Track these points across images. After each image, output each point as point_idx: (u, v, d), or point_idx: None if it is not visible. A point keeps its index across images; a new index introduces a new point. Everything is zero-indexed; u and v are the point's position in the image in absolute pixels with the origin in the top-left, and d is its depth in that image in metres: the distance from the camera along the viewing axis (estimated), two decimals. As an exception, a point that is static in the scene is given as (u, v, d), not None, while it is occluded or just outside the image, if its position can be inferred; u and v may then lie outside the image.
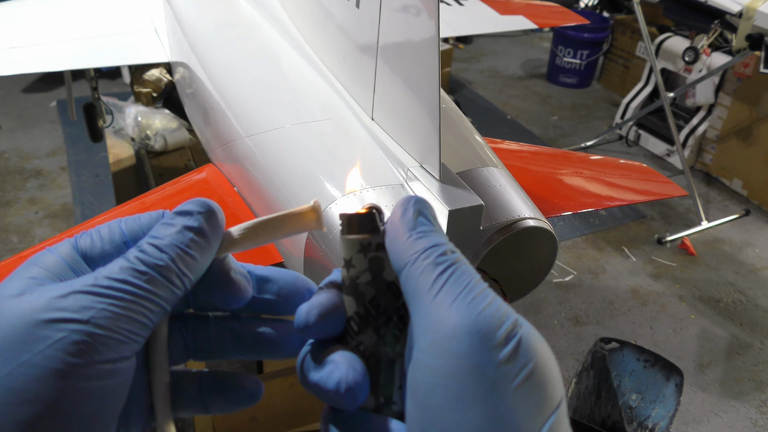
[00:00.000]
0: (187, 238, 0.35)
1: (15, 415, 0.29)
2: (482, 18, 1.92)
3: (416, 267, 0.33)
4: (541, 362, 0.31)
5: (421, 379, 0.31)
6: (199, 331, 0.39)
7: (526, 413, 0.30)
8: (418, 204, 0.36)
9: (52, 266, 0.34)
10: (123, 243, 0.36)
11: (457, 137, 0.89)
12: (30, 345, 0.30)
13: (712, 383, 2.36)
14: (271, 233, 0.39)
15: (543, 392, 0.31)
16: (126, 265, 0.33)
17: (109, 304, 0.32)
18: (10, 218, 3.07)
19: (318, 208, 0.39)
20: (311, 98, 0.96)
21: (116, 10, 1.64)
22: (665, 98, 3.33)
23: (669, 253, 3.08)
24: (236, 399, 0.39)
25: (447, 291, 0.32)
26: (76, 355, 0.30)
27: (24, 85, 4.31)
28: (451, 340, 0.31)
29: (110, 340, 0.31)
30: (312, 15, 1.10)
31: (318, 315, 0.36)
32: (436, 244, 0.34)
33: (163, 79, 2.03)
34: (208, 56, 1.21)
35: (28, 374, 0.29)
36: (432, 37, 0.68)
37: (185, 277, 0.35)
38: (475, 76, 5.06)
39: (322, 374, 0.34)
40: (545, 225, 0.76)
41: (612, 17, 4.74)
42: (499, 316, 0.31)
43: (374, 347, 0.36)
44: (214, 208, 0.36)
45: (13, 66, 1.42)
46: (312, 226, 0.39)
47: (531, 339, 0.31)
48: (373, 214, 0.37)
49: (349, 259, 0.37)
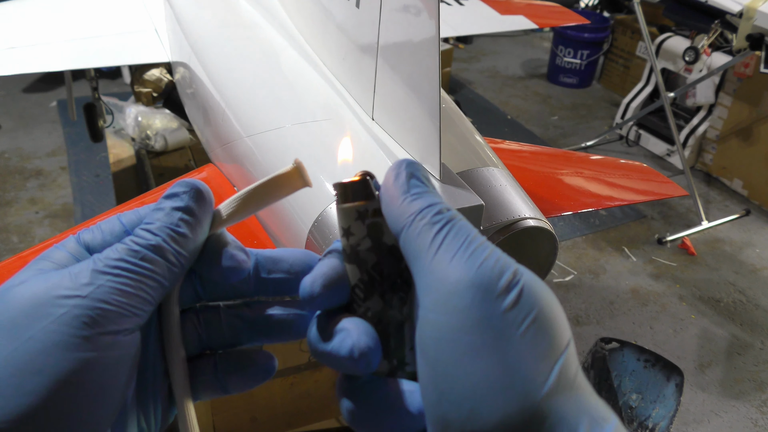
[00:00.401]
0: (176, 218, 0.36)
1: (24, 386, 0.31)
2: (482, 18, 1.92)
3: (413, 228, 0.34)
4: (545, 307, 0.32)
5: (428, 336, 0.32)
6: (211, 321, 0.40)
7: (535, 358, 0.30)
8: (410, 166, 0.36)
9: (58, 259, 0.36)
10: (123, 233, 0.37)
11: (458, 137, 0.89)
12: (34, 322, 0.31)
13: (713, 383, 2.36)
14: (259, 201, 0.40)
15: (550, 336, 0.31)
16: (122, 247, 0.35)
17: (107, 281, 0.33)
18: (11, 218, 3.07)
19: (300, 165, 0.39)
20: (311, 98, 0.96)
21: (116, 9, 1.64)
22: (665, 98, 3.33)
23: (669, 253, 3.08)
24: (252, 375, 0.40)
25: (446, 248, 0.33)
26: (77, 328, 0.32)
27: (24, 85, 4.31)
28: (454, 295, 0.31)
29: (110, 313, 0.33)
30: (312, 15, 1.10)
31: (322, 285, 0.36)
32: (431, 203, 0.35)
33: (163, 79, 2.03)
34: (208, 56, 1.21)
35: (34, 348, 0.31)
36: (432, 37, 0.68)
37: (180, 255, 0.36)
38: (476, 76, 5.06)
39: (334, 343, 0.35)
40: (545, 225, 0.76)
41: (612, 17, 4.74)
42: (499, 266, 0.32)
43: (382, 312, 0.37)
44: (199, 186, 0.38)
45: (14, 66, 1.42)
46: (299, 186, 0.40)
47: (533, 286, 0.32)
48: (367, 181, 0.37)
49: (347, 228, 0.37)
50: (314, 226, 0.75)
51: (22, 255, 0.97)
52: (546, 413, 0.30)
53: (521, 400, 0.30)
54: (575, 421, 0.30)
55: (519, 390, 0.30)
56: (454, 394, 0.31)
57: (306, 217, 0.77)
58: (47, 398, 0.31)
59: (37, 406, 0.31)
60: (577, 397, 0.31)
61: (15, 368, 0.31)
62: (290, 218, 0.80)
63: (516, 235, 0.75)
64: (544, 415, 0.30)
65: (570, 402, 0.30)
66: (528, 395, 0.30)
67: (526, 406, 0.30)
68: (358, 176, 0.37)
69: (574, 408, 0.30)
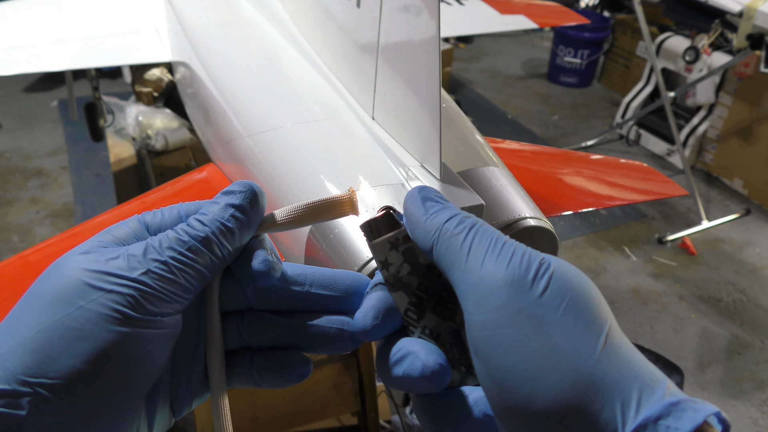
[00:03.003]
0: (228, 214, 0.39)
1: (70, 348, 0.34)
2: (483, 17, 1.92)
3: (442, 243, 0.37)
4: (578, 287, 0.34)
5: (477, 336, 0.35)
6: (253, 323, 0.42)
7: (578, 334, 0.33)
8: (423, 191, 0.40)
9: (120, 234, 0.39)
10: (180, 219, 0.40)
11: (458, 137, 0.89)
12: (87, 293, 0.35)
13: (713, 382, 2.36)
14: (309, 218, 0.42)
15: (589, 312, 0.33)
16: (173, 235, 0.38)
17: (155, 267, 0.36)
18: (12, 217, 3.07)
19: (354, 195, 0.41)
20: (312, 98, 0.96)
21: (117, 9, 1.64)
22: (666, 98, 3.33)
23: (669, 252, 3.08)
24: (285, 376, 0.42)
25: (474, 253, 0.36)
26: (122, 305, 0.35)
27: (25, 85, 4.31)
28: (492, 295, 0.34)
29: (153, 297, 0.36)
30: (313, 15, 1.10)
31: (374, 317, 0.39)
32: (450, 216, 0.38)
33: (164, 79, 2.03)
34: (208, 56, 1.21)
35: (83, 316, 0.34)
36: (433, 36, 0.68)
37: (225, 249, 0.39)
38: (476, 75, 5.06)
39: (405, 367, 0.37)
40: (546, 224, 0.77)
41: (613, 17, 4.74)
42: (526, 260, 0.35)
43: (438, 326, 0.39)
44: (256, 189, 0.40)
45: (15, 66, 1.42)
46: (347, 213, 0.42)
47: (563, 270, 0.35)
48: (390, 213, 0.40)
49: (384, 260, 0.40)
50: (314, 226, 0.75)
51: (23, 254, 0.97)
52: (599, 383, 0.31)
53: (572, 374, 0.32)
54: (628, 386, 0.31)
55: (568, 365, 0.32)
56: (510, 382, 0.33)
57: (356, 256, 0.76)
58: (90, 362, 0.34)
59: (80, 368, 0.34)
60: (627, 363, 0.32)
61: (65, 331, 0.34)
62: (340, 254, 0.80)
63: (516, 234, 0.75)
64: (597, 384, 0.31)
65: (620, 370, 0.32)
66: (578, 369, 0.32)
67: (578, 379, 0.31)
68: (380, 212, 0.40)
69: (625, 375, 0.32)
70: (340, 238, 0.70)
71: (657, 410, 0.30)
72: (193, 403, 0.41)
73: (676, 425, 0.30)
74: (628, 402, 0.31)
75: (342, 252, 0.69)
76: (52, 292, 0.35)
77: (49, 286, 0.35)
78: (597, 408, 0.31)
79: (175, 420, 0.41)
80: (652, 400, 0.31)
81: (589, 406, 0.31)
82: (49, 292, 0.35)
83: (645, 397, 0.31)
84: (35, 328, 0.34)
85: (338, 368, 1.71)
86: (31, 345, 0.33)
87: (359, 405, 1.75)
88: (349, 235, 0.70)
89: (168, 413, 0.40)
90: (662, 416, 0.30)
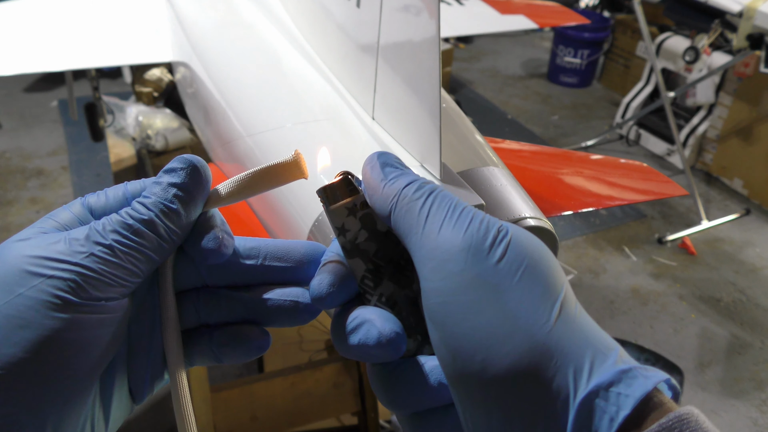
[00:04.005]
0: (170, 194, 0.38)
1: (11, 338, 0.33)
2: (483, 18, 1.92)
3: (399, 208, 0.36)
4: (535, 254, 0.34)
5: (433, 302, 0.34)
6: (209, 300, 0.41)
7: (533, 301, 0.32)
8: (382, 156, 0.39)
9: (62, 220, 0.38)
10: (126, 201, 0.39)
11: (458, 137, 0.89)
12: (27, 279, 0.34)
13: (713, 382, 2.36)
14: (257, 186, 0.40)
15: (544, 279, 0.33)
16: (117, 218, 0.37)
17: (98, 251, 0.35)
18: (12, 218, 3.07)
19: (300, 156, 0.40)
20: (312, 98, 0.96)
21: (117, 9, 1.65)
22: (666, 98, 3.33)
23: (669, 252, 3.08)
24: (245, 351, 0.41)
25: (432, 220, 0.35)
26: (64, 291, 0.34)
27: (25, 85, 4.31)
28: (448, 261, 0.34)
29: (97, 282, 0.35)
30: (313, 15, 1.10)
31: (330, 284, 0.38)
32: (408, 182, 0.37)
33: (164, 79, 2.03)
34: (209, 56, 1.21)
35: (23, 304, 0.33)
36: (433, 36, 0.69)
37: (171, 231, 0.38)
38: (476, 75, 5.06)
39: (360, 335, 0.37)
40: (546, 224, 0.77)
41: (612, 17, 4.74)
42: (484, 226, 0.34)
43: (394, 293, 0.38)
44: (196, 162, 0.39)
45: (14, 65, 1.43)
46: (296, 176, 0.41)
47: (520, 237, 0.34)
48: (348, 178, 0.39)
49: (341, 226, 0.39)
50: (314, 225, 0.75)
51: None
52: (552, 350, 0.31)
53: (527, 342, 0.31)
54: (581, 353, 0.31)
55: (523, 333, 0.32)
56: (465, 350, 0.32)
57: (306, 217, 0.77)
58: (32, 350, 0.33)
59: (23, 357, 0.33)
60: (581, 331, 0.32)
61: (4, 320, 0.33)
62: (291, 217, 0.81)
63: (516, 234, 0.75)
64: (551, 352, 0.31)
65: (573, 337, 0.32)
66: (533, 336, 0.32)
67: (533, 346, 0.31)
68: (338, 176, 0.39)
69: (578, 342, 0.32)
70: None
71: (608, 377, 0.31)
72: (154, 386, 0.40)
73: (626, 392, 0.30)
74: (580, 369, 0.31)
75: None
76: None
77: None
78: (550, 375, 0.31)
79: (136, 405, 0.41)
80: (604, 366, 0.31)
81: (542, 372, 0.31)
82: None
83: (597, 364, 0.31)
84: None
85: (338, 368, 1.71)
86: None
87: (359, 405, 1.76)
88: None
89: (126, 398, 0.40)
90: (613, 383, 0.30)
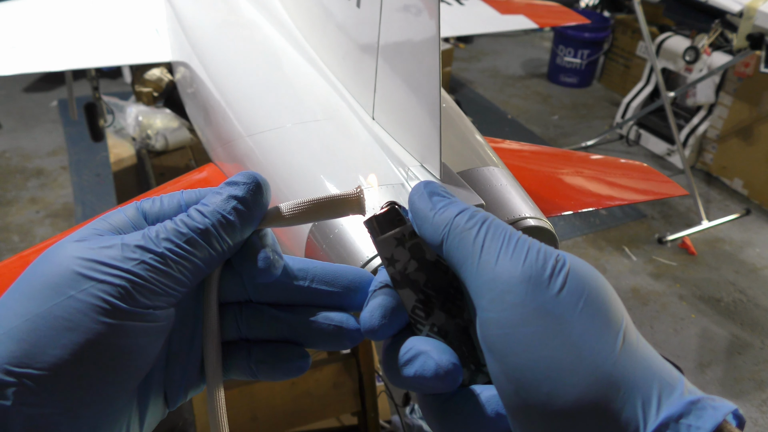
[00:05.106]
0: (230, 206, 0.37)
1: (58, 339, 0.33)
2: (483, 17, 1.92)
3: (452, 238, 0.36)
4: (594, 284, 0.34)
5: (492, 334, 0.34)
6: (252, 316, 0.41)
7: (597, 332, 0.32)
8: (429, 186, 0.39)
9: (116, 222, 0.38)
10: (180, 208, 0.39)
11: (458, 137, 0.89)
12: (77, 283, 0.34)
13: (713, 382, 2.36)
14: (313, 215, 0.40)
15: (606, 309, 0.33)
16: (171, 226, 0.36)
17: (149, 258, 0.35)
18: (12, 217, 3.07)
19: (362, 193, 0.40)
20: (312, 98, 0.96)
21: (117, 9, 1.64)
22: (666, 98, 3.33)
23: (669, 252, 3.08)
24: (283, 370, 0.41)
25: (488, 250, 0.35)
26: (113, 296, 0.34)
27: (25, 85, 4.31)
28: (509, 293, 0.33)
29: (145, 290, 0.35)
30: (313, 14, 1.10)
31: (381, 316, 0.38)
32: (460, 211, 0.37)
33: (164, 79, 2.03)
34: (208, 56, 1.21)
35: (72, 306, 0.33)
36: (433, 36, 0.68)
37: (224, 242, 0.37)
38: (476, 75, 5.06)
39: (416, 367, 0.36)
40: (546, 224, 0.77)
41: (612, 17, 4.74)
42: (542, 257, 0.34)
43: (446, 323, 0.38)
44: (261, 181, 0.39)
45: (14, 65, 1.42)
46: (354, 212, 0.41)
47: (578, 266, 0.34)
48: (395, 208, 0.39)
49: (390, 257, 0.39)
50: (314, 225, 0.75)
51: (23, 254, 0.97)
52: (619, 382, 0.31)
53: (593, 373, 0.31)
54: (647, 384, 0.31)
55: (589, 364, 0.31)
56: (529, 381, 0.32)
57: None
58: (77, 354, 0.33)
59: (67, 359, 0.33)
60: (645, 360, 0.32)
61: (53, 321, 0.33)
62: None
63: (516, 234, 0.75)
64: (618, 383, 0.31)
65: (639, 368, 0.32)
66: (599, 367, 0.31)
67: (599, 377, 0.31)
68: (384, 207, 0.39)
69: (644, 373, 0.31)
70: (340, 237, 0.70)
71: (678, 409, 0.30)
72: (188, 394, 0.40)
73: (697, 424, 0.30)
74: (648, 400, 0.31)
75: (342, 252, 0.69)
76: (42, 280, 0.34)
77: (41, 274, 0.34)
78: (618, 407, 0.31)
79: (170, 410, 0.41)
80: (672, 398, 0.31)
81: (610, 404, 0.31)
82: (39, 280, 0.34)
83: (665, 396, 0.31)
84: (24, 317, 0.33)
85: (338, 368, 1.71)
86: (18, 334, 0.32)
87: (359, 405, 1.75)
88: (349, 234, 0.70)
89: (161, 404, 0.39)
90: (683, 415, 0.30)
